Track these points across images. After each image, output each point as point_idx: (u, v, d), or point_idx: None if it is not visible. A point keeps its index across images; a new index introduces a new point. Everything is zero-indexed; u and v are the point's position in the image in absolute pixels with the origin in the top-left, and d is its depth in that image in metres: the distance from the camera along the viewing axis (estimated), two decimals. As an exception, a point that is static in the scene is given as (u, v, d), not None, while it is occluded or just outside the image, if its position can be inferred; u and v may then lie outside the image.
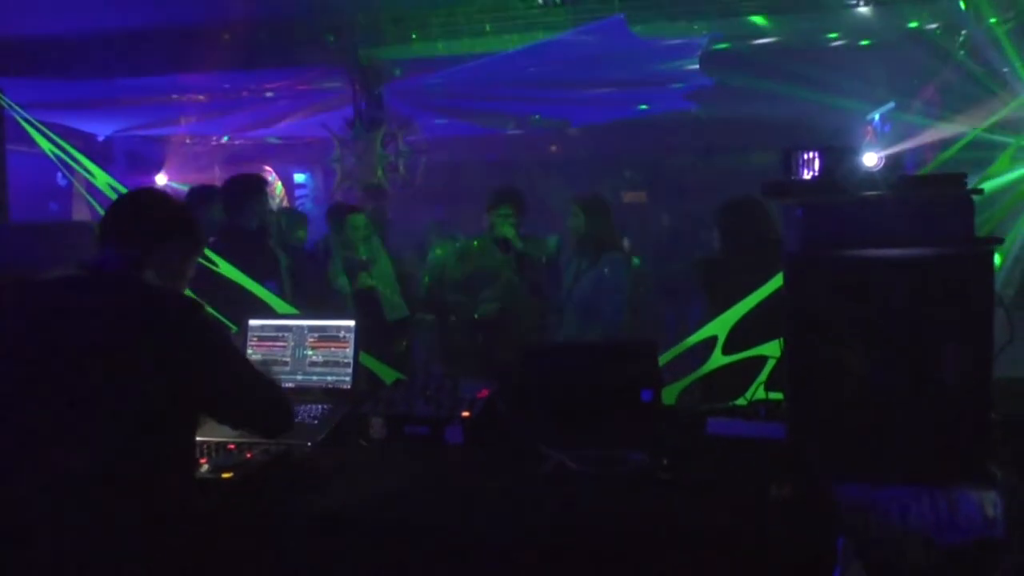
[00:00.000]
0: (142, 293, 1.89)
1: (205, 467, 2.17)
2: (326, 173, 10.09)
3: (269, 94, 7.83)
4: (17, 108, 3.18)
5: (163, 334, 1.81)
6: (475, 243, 5.12)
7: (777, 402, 2.59)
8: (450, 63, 6.49)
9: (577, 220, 4.78)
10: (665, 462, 2.17)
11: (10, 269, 2.42)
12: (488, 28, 5.91)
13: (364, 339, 4.57)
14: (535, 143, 10.00)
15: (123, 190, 3.56)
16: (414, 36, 6.08)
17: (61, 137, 3.67)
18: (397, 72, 6.97)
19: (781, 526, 1.80)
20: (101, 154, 8.82)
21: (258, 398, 2.05)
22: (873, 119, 7.45)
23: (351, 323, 2.83)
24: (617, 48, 6.27)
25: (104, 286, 1.88)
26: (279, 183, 11.44)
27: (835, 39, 6.43)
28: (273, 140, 10.28)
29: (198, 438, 2.29)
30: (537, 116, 8.85)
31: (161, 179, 9.81)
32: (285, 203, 11.23)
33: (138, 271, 1.93)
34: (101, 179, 3.41)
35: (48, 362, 1.75)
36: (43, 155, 3.62)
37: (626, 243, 5.85)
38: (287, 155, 11.18)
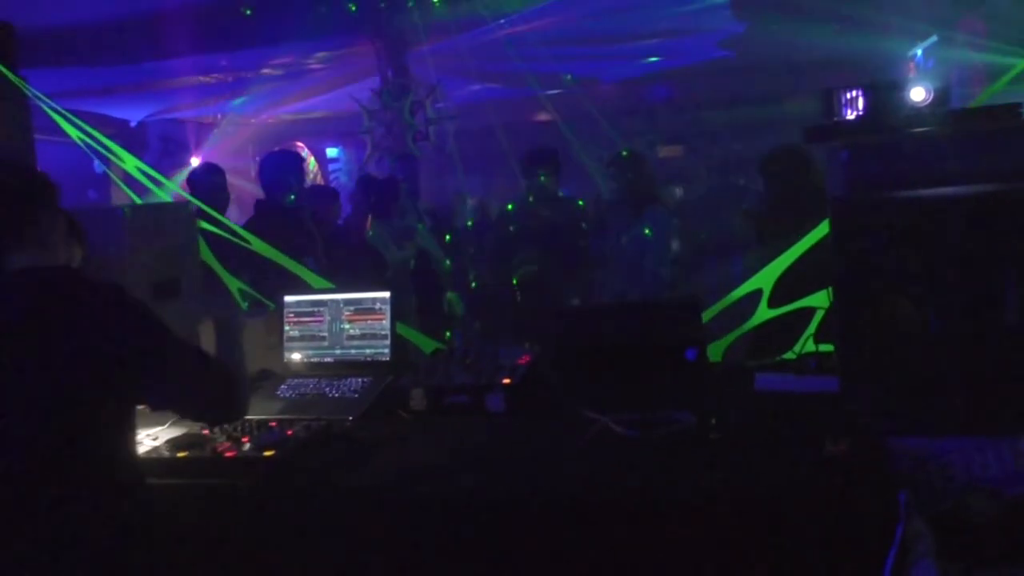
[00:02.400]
0: (17, 283, 1.76)
1: (247, 446, 2.15)
2: (358, 147, 10.09)
3: (289, 69, 7.79)
4: (43, 97, 3.16)
5: (58, 320, 1.71)
6: (509, 207, 5.07)
7: (827, 354, 2.50)
8: (474, 25, 6.38)
9: (616, 182, 4.74)
10: (714, 422, 2.10)
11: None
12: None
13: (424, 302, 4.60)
14: (567, 102, 9.85)
15: (153, 173, 3.55)
16: (435, 0, 5.98)
17: (94, 124, 3.66)
18: (421, 37, 6.87)
19: (838, 483, 1.73)
20: (135, 140, 8.90)
21: (187, 378, 1.86)
22: (916, 54, 7.17)
23: (387, 295, 2.79)
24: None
25: None
26: (312, 158, 11.46)
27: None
28: (304, 116, 10.28)
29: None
30: (569, 76, 8.70)
31: (195, 161, 9.87)
32: (319, 179, 11.26)
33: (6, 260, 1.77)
34: (129, 163, 3.40)
35: None
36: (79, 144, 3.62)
37: (679, 191, 5.72)
38: (319, 130, 11.19)
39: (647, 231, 4.63)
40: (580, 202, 5.11)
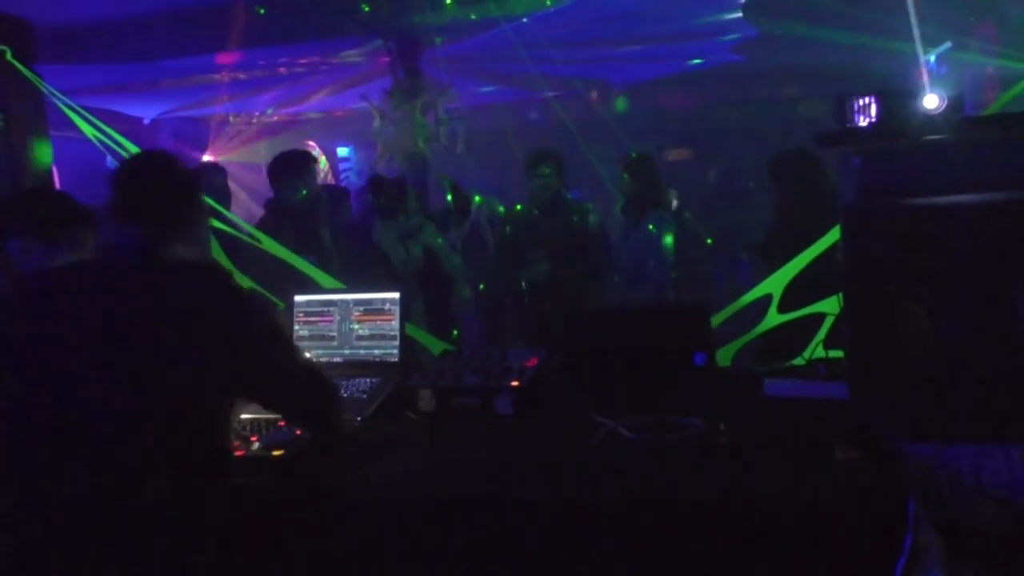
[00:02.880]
0: (169, 271, 1.82)
1: (256, 445, 2.16)
2: (369, 146, 10.09)
3: (301, 69, 7.80)
4: (58, 94, 3.19)
5: (200, 311, 1.76)
6: (518, 208, 5.07)
7: (837, 360, 2.50)
8: (486, 27, 6.38)
9: (624, 183, 4.76)
10: (722, 427, 2.10)
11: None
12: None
13: (431, 302, 4.61)
14: (577, 105, 9.85)
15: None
16: (448, 1, 5.97)
17: (108, 121, 3.69)
18: (436, 39, 6.86)
19: (848, 490, 1.73)
20: (147, 137, 8.93)
21: (305, 383, 1.98)
22: (928, 61, 7.13)
23: (396, 295, 2.80)
24: (657, 1, 6.11)
25: (128, 269, 1.81)
26: (322, 158, 11.48)
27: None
28: (315, 115, 10.30)
29: (247, 416, 2.31)
30: (578, 79, 8.69)
31: (207, 159, 9.90)
32: (330, 178, 11.28)
33: (161, 248, 1.85)
34: (142, 161, 3.42)
35: (75, 353, 1.69)
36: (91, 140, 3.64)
37: (674, 202, 5.76)
38: (330, 129, 11.20)
39: (651, 230, 4.63)
40: (589, 206, 5.10)
